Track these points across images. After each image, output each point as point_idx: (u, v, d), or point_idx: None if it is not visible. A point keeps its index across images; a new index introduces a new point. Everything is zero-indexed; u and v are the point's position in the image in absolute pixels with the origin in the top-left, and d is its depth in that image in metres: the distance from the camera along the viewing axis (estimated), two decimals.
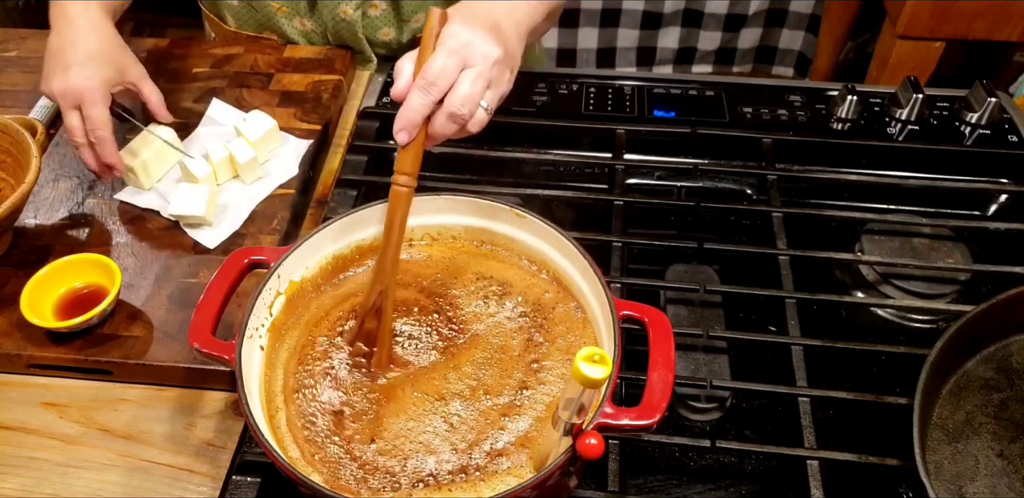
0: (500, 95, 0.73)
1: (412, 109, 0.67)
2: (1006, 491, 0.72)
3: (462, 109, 0.68)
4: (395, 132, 0.69)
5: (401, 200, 0.70)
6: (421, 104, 0.67)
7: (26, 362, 0.82)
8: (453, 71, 0.68)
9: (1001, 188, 1.01)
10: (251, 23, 1.16)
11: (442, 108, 0.68)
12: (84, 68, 0.86)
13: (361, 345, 0.71)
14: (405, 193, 0.70)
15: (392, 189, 0.70)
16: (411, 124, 0.68)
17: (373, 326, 0.71)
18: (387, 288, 0.71)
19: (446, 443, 0.66)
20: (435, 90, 0.67)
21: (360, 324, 0.72)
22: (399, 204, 0.70)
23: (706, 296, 0.87)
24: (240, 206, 0.94)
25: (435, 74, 0.67)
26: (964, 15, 1.74)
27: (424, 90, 0.67)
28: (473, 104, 0.69)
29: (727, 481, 0.76)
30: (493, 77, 0.70)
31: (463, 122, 0.69)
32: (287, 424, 0.67)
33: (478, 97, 0.69)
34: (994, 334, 0.80)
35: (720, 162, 1.01)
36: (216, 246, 0.90)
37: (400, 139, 0.69)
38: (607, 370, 0.48)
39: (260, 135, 0.96)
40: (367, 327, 0.72)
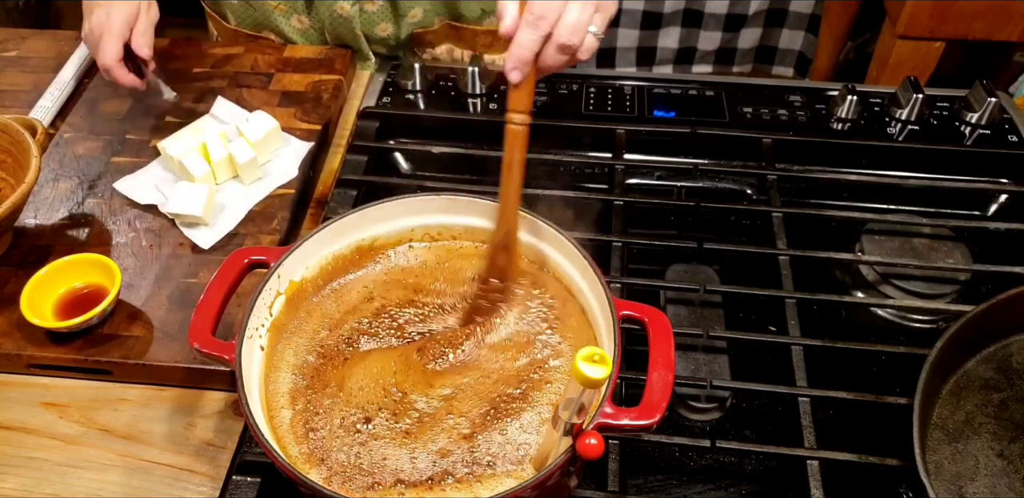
0: (608, 17, 0.72)
1: (523, 46, 0.66)
2: (1006, 491, 0.72)
3: (572, 38, 0.67)
4: (508, 71, 0.68)
5: (519, 138, 0.69)
6: (531, 40, 0.67)
7: (26, 362, 0.82)
8: (560, 2, 0.67)
9: (1001, 188, 1.01)
10: (249, 21, 1.17)
11: (552, 39, 0.67)
12: (107, 10, 0.95)
13: (495, 280, 0.73)
14: (522, 131, 0.69)
15: (508, 128, 0.69)
16: (523, 61, 0.67)
17: (504, 262, 0.73)
18: (512, 227, 0.72)
19: (447, 444, 0.65)
20: (544, 24, 0.66)
21: (491, 262, 0.73)
22: (516, 142, 0.69)
23: (706, 296, 0.87)
24: (237, 207, 0.94)
25: (544, 7, 0.66)
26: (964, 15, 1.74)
27: (534, 25, 0.66)
28: (582, 32, 0.68)
29: (727, 481, 0.76)
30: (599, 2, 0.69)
31: (574, 52, 0.69)
32: (287, 424, 0.67)
33: (587, 24, 0.68)
34: (994, 334, 0.80)
35: (720, 162, 1.01)
36: (211, 246, 0.90)
37: (513, 78, 0.68)
38: (607, 370, 0.48)
39: (261, 136, 0.96)
40: (499, 263, 0.73)
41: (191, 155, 0.94)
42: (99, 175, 0.98)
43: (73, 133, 1.04)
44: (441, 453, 0.65)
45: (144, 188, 0.96)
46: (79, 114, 1.07)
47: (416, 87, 1.10)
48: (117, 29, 0.95)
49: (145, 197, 0.95)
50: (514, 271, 0.74)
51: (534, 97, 0.70)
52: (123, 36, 0.96)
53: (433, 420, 0.67)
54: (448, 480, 0.63)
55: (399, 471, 0.64)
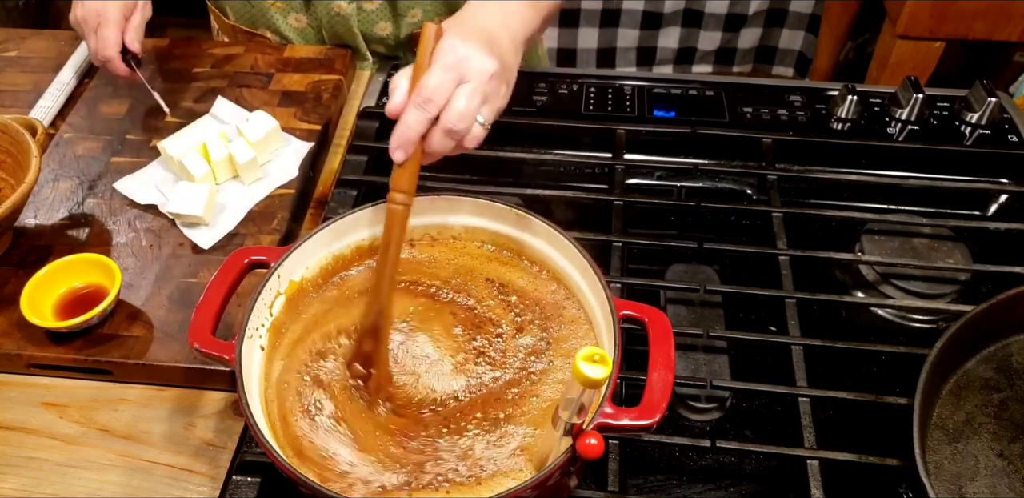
0: (496, 110, 0.72)
1: (408, 126, 0.67)
2: (1006, 491, 0.72)
3: (458, 125, 0.67)
4: (391, 150, 0.68)
5: (397, 218, 0.69)
6: (417, 121, 0.66)
7: (26, 362, 0.82)
8: (449, 87, 0.67)
9: (1001, 188, 1.01)
10: (247, 18, 1.17)
11: (438, 124, 0.67)
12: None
13: (358, 366, 0.69)
14: (401, 211, 0.69)
15: (388, 207, 0.69)
16: (408, 141, 0.67)
17: (371, 348, 0.70)
18: (384, 308, 0.70)
19: (447, 444, 0.65)
20: (431, 107, 0.66)
21: (358, 345, 0.70)
22: (395, 223, 0.69)
23: (706, 296, 0.87)
24: (237, 207, 0.94)
25: (431, 90, 0.66)
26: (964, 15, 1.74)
27: (420, 107, 0.66)
28: (469, 120, 0.68)
29: (727, 481, 0.76)
30: (489, 92, 0.69)
31: (459, 138, 0.68)
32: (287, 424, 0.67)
33: (474, 113, 0.68)
34: (994, 334, 0.80)
35: (720, 162, 1.01)
36: (210, 246, 0.90)
37: (397, 157, 0.68)
38: (607, 370, 0.48)
39: (261, 136, 0.96)
40: (364, 349, 0.70)
41: (191, 155, 0.94)
42: (99, 175, 0.98)
43: (73, 133, 1.04)
44: (441, 453, 0.65)
45: (144, 188, 0.96)
46: (79, 114, 1.07)
47: None
48: (116, 20, 0.96)
49: (145, 197, 0.95)
50: (383, 357, 0.70)
51: (417, 178, 0.69)
52: (121, 27, 0.97)
53: (433, 420, 0.67)
54: (448, 480, 0.63)
55: (399, 471, 0.64)
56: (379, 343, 0.70)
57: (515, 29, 0.77)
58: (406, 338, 0.73)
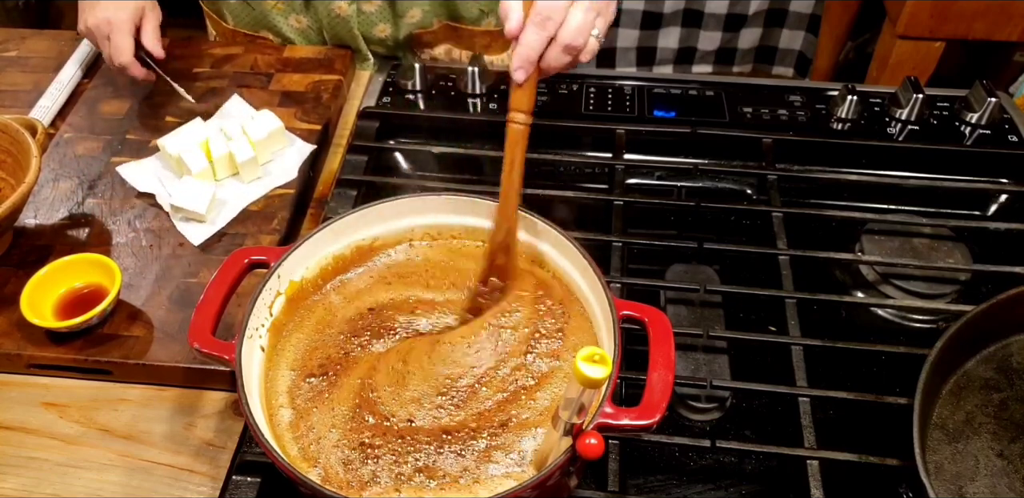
0: (608, 22, 0.73)
1: (529, 46, 0.68)
2: (1006, 491, 0.72)
3: (578, 39, 0.69)
4: (513, 70, 0.69)
5: (520, 137, 0.70)
6: (537, 40, 0.68)
7: (26, 362, 0.82)
8: (565, 3, 0.68)
9: (1001, 188, 1.01)
10: (247, 21, 1.17)
11: (556, 40, 0.69)
12: (115, 5, 0.97)
13: (495, 280, 0.73)
14: (523, 130, 0.70)
15: (509, 127, 0.70)
16: (528, 61, 0.69)
17: (503, 262, 0.73)
18: (512, 225, 0.72)
19: (447, 443, 0.65)
20: (551, 24, 0.68)
21: (491, 261, 0.73)
22: (518, 141, 0.70)
23: (706, 296, 0.87)
24: (232, 205, 0.94)
25: (549, 8, 0.68)
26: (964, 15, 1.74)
27: (540, 25, 0.68)
28: (586, 34, 0.70)
29: (727, 481, 0.76)
30: (600, 6, 0.71)
31: (577, 53, 0.70)
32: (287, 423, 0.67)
33: (590, 26, 0.70)
34: (994, 334, 0.80)
35: (720, 162, 1.01)
36: (201, 243, 0.90)
37: (518, 77, 0.69)
38: (607, 370, 0.48)
39: (264, 135, 0.96)
40: (498, 263, 0.73)
41: (192, 150, 0.94)
42: (99, 175, 0.98)
43: (73, 133, 1.04)
44: (440, 453, 0.65)
45: (145, 176, 0.97)
46: (79, 114, 1.07)
47: (416, 87, 1.10)
48: (127, 26, 0.97)
49: (145, 185, 0.95)
50: (513, 270, 0.74)
51: (535, 97, 0.71)
52: (132, 33, 0.98)
53: (432, 419, 0.67)
54: (447, 480, 0.63)
55: (399, 471, 0.64)
56: (510, 257, 0.73)
57: None
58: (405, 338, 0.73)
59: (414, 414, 0.67)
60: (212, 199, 0.91)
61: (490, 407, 0.68)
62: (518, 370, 0.70)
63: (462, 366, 0.70)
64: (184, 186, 0.91)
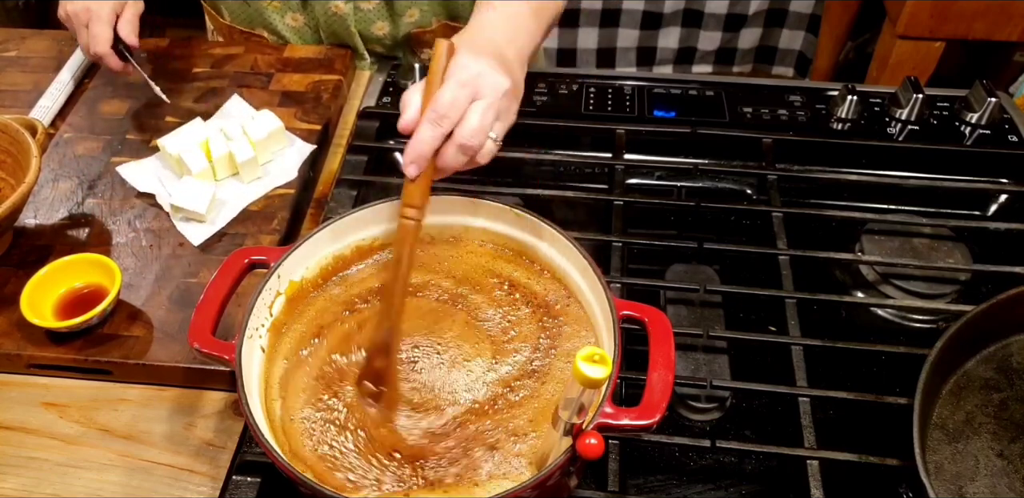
0: (507, 126, 0.72)
1: (422, 141, 0.67)
2: (1006, 491, 0.72)
3: (472, 141, 0.67)
4: (405, 166, 0.68)
5: (409, 234, 0.69)
6: (431, 137, 0.67)
7: (26, 362, 0.82)
8: (463, 103, 0.67)
9: (1001, 188, 1.01)
10: (243, 18, 1.16)
11: (451, 140, 0.67)
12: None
13: (369, 384, 0.68)
14: (413, 226, 0.69)
15: (400, 223, 0.69)
16: (421, 157, 0.67)
17: (382, 365, 0.69)
18: (395, 325, 0.69)
19: (446, 443, 0.65)
20: (446, 122, 0.66)
21: (368, 363, 0.69)
22: (407, 238, 0.69)
23: (706, 296, 0.87)
24: (232, 205, 0.94)
25: (446, 106, 0.66)
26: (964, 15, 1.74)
27: (435, 123, 0.66)
28: (483, 136, 0.68)
29: (727, 481, 0.76)
30: (502, 108, 0.69)
31: (473, 154, 0.69)
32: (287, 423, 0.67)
33: (488, 128, 0.68)
34: (994, 334, 0.80)
35: (720, 162, 1.01)
36: (201, 243, 0.90)
37: (410, 172, 0.68)
38: (607, 370, 0.48)
39: (264, 136, 0.96)
40: (376, 366, 0.69)
41: (192, 150, 0.94)
42: (99, 175, 0.98)
43: (73, 133, 1.04)
44: (440, 452, 0.65)
45: (145, 176, 0.97)
46: (79, 114, 1.07)
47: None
48: (106, 15, 0.96)
49: (145, 185, 0.95)
50: (392, 376, 0.69)
51: (429, 194, 0.70)
52: (111, 22, 0.97)
53: (432, 419, 0.67)
54: (447, 479, 0.63)
55: (398, 470, 0.64)
56: (390, 360, 0.69)
57: (521, 43, 0.77)
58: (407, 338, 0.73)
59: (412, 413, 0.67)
60: (212, 199, 0.91)
61: (490, 407, 0.68)
62: (518, 371, 0.70)
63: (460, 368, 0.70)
64: (184, 186, 0.91)
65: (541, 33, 0.82)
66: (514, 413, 0.67)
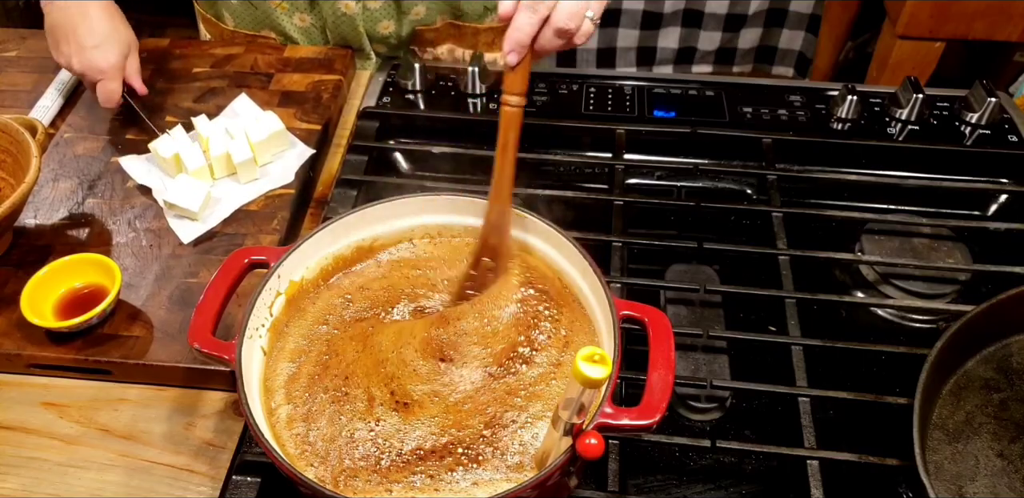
0: (604, 4, 0.72)
1: (520, 29, 0.67)
2: (1006, 491, 0.72)
3: (570, 23, 0.68)
4: (505, 53, 0.69)
5: (514, 119, 0.70)
6: (529, 23, 0.67)
7: (26, 362, 0.82)
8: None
9: (1001, 188, 1.01)
10: (249, 21, 1.16)
11: (549, 23, 0.68)
12: (100, 51, 0.96)
13: (488, 260, 0.73)
14: (517, 113, 0.70)
15: (503, 110, 0.70)
16: (520, 44, 0.68)
17: (496, 242, 0.73)
18: (505, 207, 0.72)
19: (446, 443, 0.65)
20: (542, 6, 0.67)
21: (483, 242, 0.74)
22: (512, 123, 0.70)
23: (706, 296, 0.87)
24: (226, 204, 0.95)
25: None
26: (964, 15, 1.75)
27: (532, 8, 0.67)
28: (580, 17, 0.69)
29: (727, 481, 0.76)
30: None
31: (570, 36, 0.69)
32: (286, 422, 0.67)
33: (584, 9, 0.69)
34: (994, 334, 0.80)
35: (720, 162, 1.01)
36: (191, 241, 0.91)
37: (511, 60, 0.69)
38: (607, 370, 0.48)
39: (263, 137, 0.96)
40: (491, 243, 0.73)
41: (190, 148, 0.95)
42: (99, 175, 0.98)
43: (73, 133, 1.04)
44: (440, 453, 0.65)
45: (146, 170, 0.97)
46: (79, 114, 1.07)
47: (416, 87, 1.10)
48: (118, 74, 0.98)
49: (144, 178, 0.96)
50: (506, 251, 0.74)
51: (529, 79, 0.70)
52: (121, 77, 0.99)
53: (431, 419, 0.67)
54: (447, 479, 0.63)
55: (398, 470, 0.64)
56: (503, 238, 0.73)
57: None
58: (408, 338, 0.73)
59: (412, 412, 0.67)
60: (207, 198, 0.91)
61: (489, 407, 0.67)
62: (518, 371, 0.70)
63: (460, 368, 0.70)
64: (179, 183, 0.92)
65: None
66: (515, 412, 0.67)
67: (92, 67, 0.96)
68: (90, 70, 0.96)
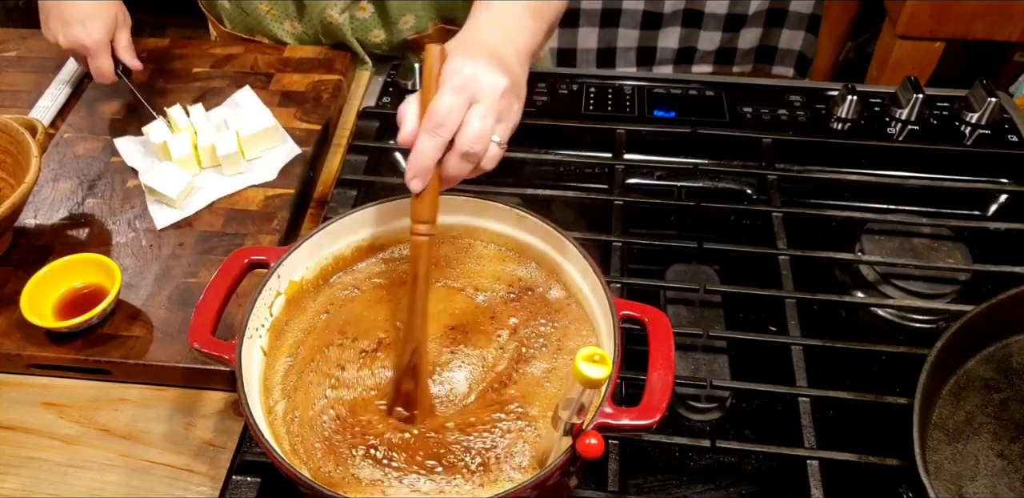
0: (511, 127, 0.69)
1: (423, 154, 0.64)
2: (1006, 491, 0.72)
3: (475, 147, 0.64)
4: (408, 180, 0.65)
5: (423, 250, 0.67)
6: (432, 148, 0.64)
7: (26, 362, 0.82)
8: (461, 109, 0.64)
9: (1001, 188, 1.01)
10: (243, 26, 1.17)
11: (453, 149, 0.64)
12: (84, 26, 0.95)
13: (401, 410, 0.67)
14: (426, 242, 0.66)
15: (412, 240, 0.67)
16: (424, 170, 0.64)
17: (411, 387, 0.67)
18: (420, 345, 0.67)
19: (446, 443, 0.65)
20: (444, 131, 0.63)
21: (396, 387, 0.68)
22: (421, 255, 0.67)
23: (706, 296, 0.87)
24: (204, 195, 0.95)
25: (443, 114, 0.63)
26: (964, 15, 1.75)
27: (433, 133, 0.63)
28: (485, 141, 0.65)
29: (727, 481, 0.76)
30: (502, 109, 0.66)
31: (477, 160, 0.65)
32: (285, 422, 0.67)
33: (489, 132, 0.65)
34: (994, 334, 0.80)
35: (720, 162, 1.01)
36: (164, 227, 0.91)
37: (414, 187, 0.65)
38: (607, 370, 0.48)
39: (252, 132, 0.97)
40: (405, 389, 0.67)
41: (179, 136, 0.96)
42: (99, 175, 0.98)
43: (73, 133, 1.04)
44: (440, 453, 0.65)
45: (137, 152, 0.99)
46: (79, 114, 1.07)
47: (416, 87, 1.10)
48: (105, 48, 0.97)
49: (133, 161, 0.98)
50: (425, 399, 0.67)
51: (438, 206, 0.67)
52: (110, 52, 0.98)
53: (431, 419, 0.67)
54: (447, 480, 0.63)
55: (398, 470, 0.64)
56: (419, 382, 0.67)
57: (519, 42, 0.73)
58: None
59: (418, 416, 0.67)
60: (187, 186, 0.93)
61: (490, 407, 0.67)
62: (518, 371, 0.70)
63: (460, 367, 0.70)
64: (163, 169, 0.94)
65: (542, 32, 0.79)
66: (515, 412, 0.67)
67: (76, 42, 0.95)
68: (75, 45, 0.96)
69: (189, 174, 0.95)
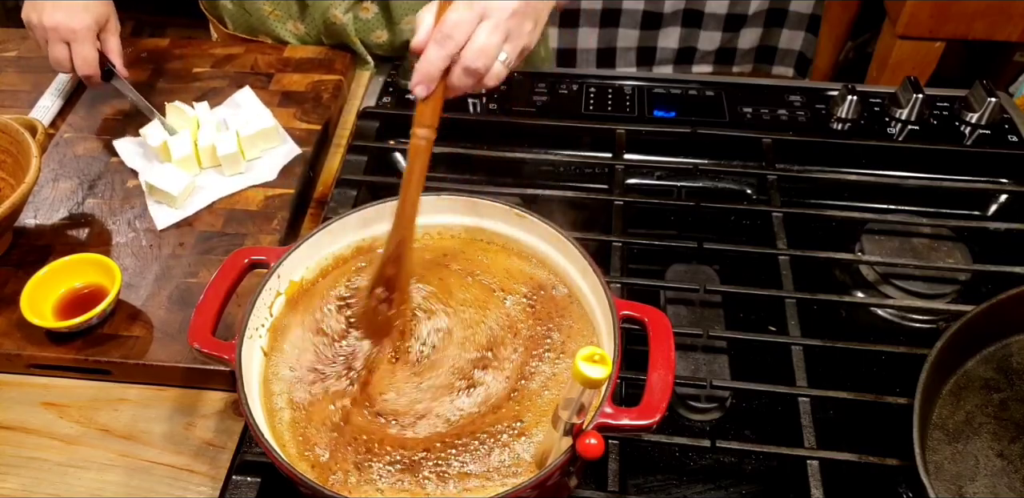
0: (520, 48, 0.71)
1: (429, 62, 0.67)
2: (1006, 491, 0.72)
3: (477, 62, 0.67)
4: (413, 86, 0.68)
5: (420, 153, 0.69)
6: (437, 57, 0.67)
7: (26, 362, 0.82)
8: (470, 23, 0.67)
9: (1001, 188, 1.01)
10: (245, 26, 1.17)
11: (458, 61, 0.68)
12: (74, 9, 0.92)
13: (380, 291, 0.70)
14: (424, 146, 0.69)
15: (411, 142, 0.69)
16: (428, 77, 0.68)
17: (393, 272, 0.70)
18: (405, 238, 0.70)
19: (446, 443, 0.65)
20: (451, 43, 0.67)
21: (381, 270, 0.71)
22: (418, 157, 0.69)
23: (706, 296, 0.87)
24: (207, 194, 0.95)
25: (451, 26, 0.66)
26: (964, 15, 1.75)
27: (440, 43, 0.67)
28: (489, 57, 0.68)
29: (727, 481, 0.76)
30: (511, 28, 0.69)
31: (479, 76, 0.69)
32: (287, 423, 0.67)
33: (495, 50, 0.68)
34: (994, 334, 0.80)
35: (720, 162, 1.01)
36: (164, 228, 0.91)
37: (418, 93, 0.68)
38: (607, 370, 0.48)
39: (252, 132, 0.97)
40: (387, 273, 0.70)
41: (179, 135, 0.96)
42: (99, 175, 0.98)
43: (73, 133, 1.04)
44: (440, 453, 0.65)
45: (137, 153, 0.99)
46: (79, 114, 1.07)
47: None
48: (89, 36, 0.94)
49: (132, 162, 0.98)
50: (403, 282, 0.71)
51: (440, 113, 0.69)
52: (95, 42, 0.95)
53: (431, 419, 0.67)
54: (447, 479, 0.63)
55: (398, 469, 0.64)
56: (400, 269, 0.71)
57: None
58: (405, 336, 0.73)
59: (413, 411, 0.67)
60: (188, 186, 0.93)
61: (491, 407, 0.67)
62: (517, 371, 0.70)
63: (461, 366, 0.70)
64: (164, 169, 0.93)
65: None
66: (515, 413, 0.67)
67: (62, 21, 0.92)
68: (60, 25, 0.92)
69: (189, 174, 0.95)
